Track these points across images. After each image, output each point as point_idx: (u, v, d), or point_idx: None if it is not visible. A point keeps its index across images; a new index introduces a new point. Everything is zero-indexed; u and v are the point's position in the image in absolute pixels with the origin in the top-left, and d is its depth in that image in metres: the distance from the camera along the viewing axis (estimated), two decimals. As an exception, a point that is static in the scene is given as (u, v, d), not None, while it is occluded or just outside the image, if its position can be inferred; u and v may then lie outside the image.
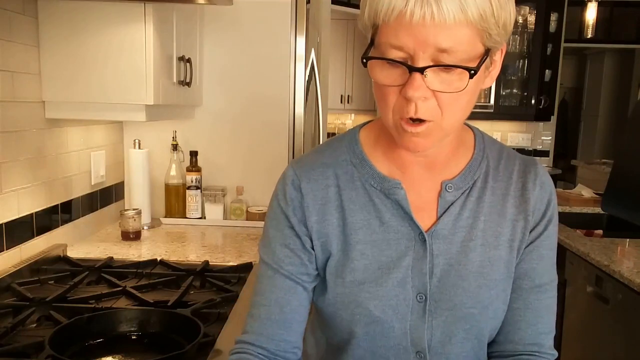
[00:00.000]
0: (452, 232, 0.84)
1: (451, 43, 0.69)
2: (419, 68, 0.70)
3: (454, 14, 0.67)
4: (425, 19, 0.67)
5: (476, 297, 0.84)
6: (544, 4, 4.74)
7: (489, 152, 0.89)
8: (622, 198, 2.45)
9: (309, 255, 0.87)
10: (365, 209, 0.85)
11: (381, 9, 0.70)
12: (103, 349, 1.14)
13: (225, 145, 2.33)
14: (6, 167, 1.50)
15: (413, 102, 0.72)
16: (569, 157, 6.38)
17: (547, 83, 4.92)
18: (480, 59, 0.72)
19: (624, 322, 1.88)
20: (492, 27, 0.71)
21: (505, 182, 0.87)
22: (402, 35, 0.69)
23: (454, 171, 0.87)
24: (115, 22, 1.63)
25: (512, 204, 0.86)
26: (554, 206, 0.89)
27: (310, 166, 0.88)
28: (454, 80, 0.72)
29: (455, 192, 0.85)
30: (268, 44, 2.27)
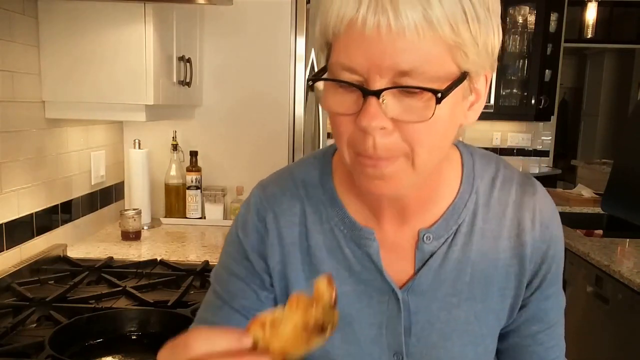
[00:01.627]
0: (433, 287, 0.73)
1: (413, 61, 0.56)
2: (374, 91, 0.57)
3: (416, 23, 0.55)
4: (380, 29, 0.55)
5: (460, 357, 0.75)
6: (544, 4, 4.74)
7: (480, 184, 0.74)
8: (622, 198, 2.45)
9: (266, 293, 0.77)
10: (334, 257, 0.74)
11: (331, 19, 0.58)
12: (103, 349, 1.15)
13: (225, 145, 2.33)
14: (6, 167, 1.50)
15: (370, 134, 0.59)
16: (569, 157, 6.38)
17: (547, 83, 4.93)
18: (452, 83, 0.58)
19: (624, 322, 1.88)
20: (468, 45, 0.58)
21: (497, 221, 0.73)
22: (355, 52, 0.57)
23: (433, 216, 0.73)
24: (115, 22, 1.63)
25: (505, 247, 0.73)
26: (557, 237, 0.77)
27: (279, 196, 0.76)
28: (419, 107, 0.58)
29: (435, 241, 0.72)
30: (268, 44, 2.27)
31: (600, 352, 2.04)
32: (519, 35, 4.87)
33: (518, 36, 4.87)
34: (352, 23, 0.57)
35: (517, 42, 4.87)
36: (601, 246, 2.15)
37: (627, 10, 5.42)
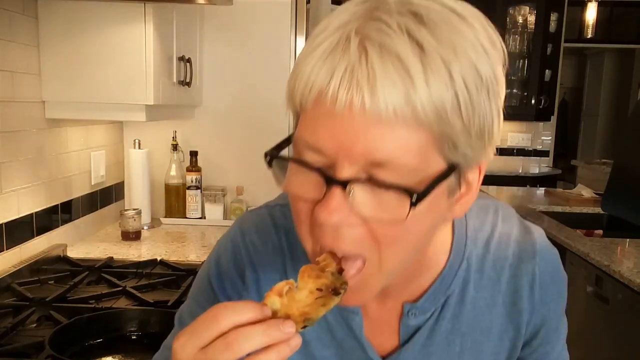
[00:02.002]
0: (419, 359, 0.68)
1: (390, 151, 0.47)
2: (340, 181, 0.48)
3: (395, 107, 0.46)
4: (352, 109, 0.46)
5: None
6: (544, 4, 4.74)
7: (472, 249, 0.66)
8: (622, 198, 2.45)
9: None
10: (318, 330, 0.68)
11: (299, 87, 0.50)
12: (103, 349, 1.15)
13: (225, 145, 2.33)
14: (6, 167, 1.50)
15: (330, 238, 0.51)
16: (569, 157, 6.38)
17: (547, 83, 4.93)
18: (434, 180, 0.49)
19: (624, 322, 1.88)
20: (457, 134, 0.48)
21: (491, 287, 0.66)
22: (322, 130, 0.48)
23: (419, 288, 0.66)
24: (115, 22, 1.63)
25: (500, 314, 0.67)
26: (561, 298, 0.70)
27: (259, 247, 0.68)
28: (392, 204, 0.49)
29: (421, 316, 0.66)
30: (268, 44, 2.27)
31: (600, 352, 2.04)
32: (519, 35, 4.87)
33: (518, 36, 4.87)
34: (322, 96, 0.48)
35: (517, 42, 4.87)
36: (601, 246, 2.15)
37: (627, 10, 5.42)
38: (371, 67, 0.46)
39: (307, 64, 0.49)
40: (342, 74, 0.46)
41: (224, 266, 0.70)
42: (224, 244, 0.71)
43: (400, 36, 0.46)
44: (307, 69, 0.49)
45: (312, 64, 0.48)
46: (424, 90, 0.46)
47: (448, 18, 0.49)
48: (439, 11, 0.49)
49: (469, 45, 0.49)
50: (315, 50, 0.49)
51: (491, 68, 0.50)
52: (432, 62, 0.46)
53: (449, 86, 0.47)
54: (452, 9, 0.50)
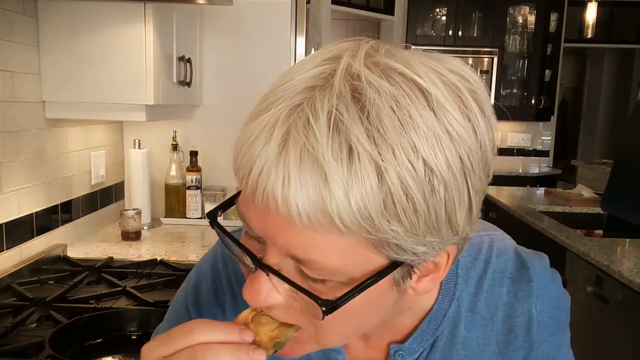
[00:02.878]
0: None
1: (311, 253, 0.44)
2: (264, 266, 0.47)
3: (309, 214, 0.41)
4: (268, 206, 0.43)
5: None
6: (544, 4, 4.74)
7: (464, 288, 0.62)
8: (622, 198, 2.45)
9: None
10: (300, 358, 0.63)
11: (234, 164, 0.48)
12: (103, 349, 1.15)
13: (225, 145, 2.31)
14: (6, 167, 1.50)
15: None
16: (569, 157, 6.38)
17: (547, 83, 4.93)
18: (365, 282, 0.45)
19: (624, 322, 1.88)
20: (398, 237, 0.43)
21: (483, 327, 0.62)
22: (250, 213, 0.47)
23: (403, 329, 0.62)
24: (115, 22, 1.63)
25: (493, 354, 0.63)
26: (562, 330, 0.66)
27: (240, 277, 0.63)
28: (310, 307, 0.46)
29: (409, 357, 0.62)
30: (268, 44, 2.27)
31: (601, 352, 2.04)
32: (519, 35, 4.87)
33: (518, 36, 4.87)
34: (244, 182, 0.45)
35: (517, 42, 4.88)
36: (601, 246, 2.15)
37: (627, 10, 5.42)
38: (287, 170, 0.41)
39: (241, 139, 0.46)
40: (260, 171, 0.43)
41: (203, 295, 0.67)
42: (205, 270, 0.68)
43: (325, 136, 0.41)
44: (238, 147, 0.46)
45: (241, 144, 0.46)
46: (342, 200, 0.40)
47: (401, 103, 0.42)
48: (391, 93, 0.42)
49: (421, 138, 0.41)
50: (252, 122, 0.46)
51: (456, 154, 0.43)
52: (359, 168, 0.40)
53: (378, 193, 0.41)
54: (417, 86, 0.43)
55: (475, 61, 4.77)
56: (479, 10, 4.81)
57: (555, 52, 4.94)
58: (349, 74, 0.43)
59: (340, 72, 0.43)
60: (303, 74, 0.45)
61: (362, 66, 0.43)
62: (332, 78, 0.43)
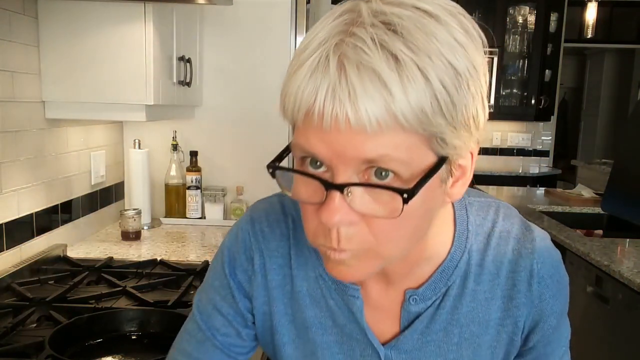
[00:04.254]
0: (418, 347, 0.70)
1: (379, 150, 0.50)
2: (337, 185, 0.52)
3: (378, 117, 0.48)
4: (339, 123, 0.49)
5: None
6: (544, 4, 4.74)
7: (474, 243, 0.68)
8: (622, 198, 2.45)
9: (248, 330, 0.75)
10: (317, 306, 0.71)
11: (288, 103, 0.53)
12: (103, 349, 1.15)
13: (225, 145, 2.33)
14: (6, 167, 1.50)
15: (333, 234, 0.54)
16: (569, 157, 6.38)
17: (547, 83, 4.93)
18: (425, 174, 0.52)
19: (624, 322, 1.88)
20: (443, 131, 0.51)
21: (490, 281, 0.69)
22: (315, 141, 0.52)
23: (421, 277, 0.68)
24: (115, 22, 1.63)
25: (498, 308, 0.69)
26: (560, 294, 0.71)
27: (267, 234, 0.72)
28: (387, 200, 0.52)
29: (422, 303, 0.68)
30: (268, 44, 2.27)
31: (600, 352, 2.04)
32: (519, 35, 4.87)
33: (518, 36, 4.87)
34: (310, 113, 0.51)
35: (517, 42, 4.88)
36: (601, 246, 2.15)
37: (627, 10, 5.42)
38: (351, 84, 0.48)
39: (294, 82, 0.52)
40: (325, 94, 0.49)
41: (234, 253, 0.74)
42: (235, 232, 0.75)
43: (375, 51, 0.49)
44: (294, 89, 0.52)
45: (297, 84, 0.51)
46: (403, 100, 0.48)
47: (420, 22, 0.50)
48: (411, 16, 0.50)
49: (444, 45, 0.50)
50: (300, 68, 0.51)
51: (468, 60, 0.52)
52: (408, 72, 0.48)
53: (427, 91, 0.49)
54: (425, 11, 0.51)
55: (475, 61, 4.77)
56: (479, 10, 4.81)
57: (555, 52, 4.94)
58: (372, 12, 0.51)
59: (365, 12, 0.51)
60: (327, 26, 0.52)
61: (381, 5, 0.51)
62: (359, 18, 0.50)
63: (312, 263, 0.71)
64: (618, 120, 6.86)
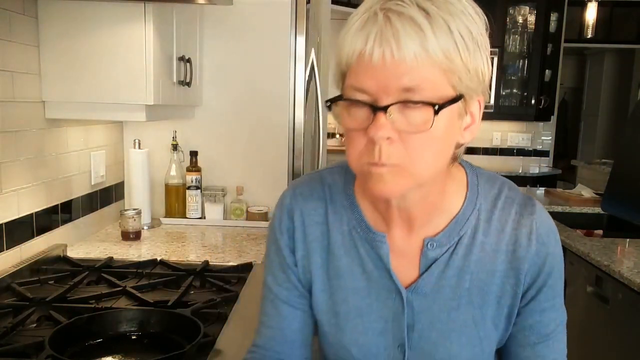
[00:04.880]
0: (434, 290, 0.81)
1: (415, 82, 0.65)
2: (382, 107, 0.67)
3: (415, 51, 0.65)
4: (385, 58, 0.65)
5: (458, 356, 0.82)
6: (544, 4, 4.74)
7: (483, 203, 0.81)
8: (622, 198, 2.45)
9: (301, 287, 0.88)
10: (350, 255, 0.84)
11: (345, 54, 0.70)
12: (103, 349, 1.14)
13: (225, 145, 2.33)
14: (6, 167, 1.50)
15: (378, 144, 0.68)
16: (569, 157, 6.38)
17: (547, 83, 4.93)
18: (449, 100, 0.67)
19: (624, 322, 1.88)
20: (461, 71, 0.67)
21: (496, 236, 0.80)
22: (365, 77, 0.67)
23: (437, 226, 0.80)
24: (115, 22, 1.63)
25: (502, 260, 0.80)
26: (555, 254, 0.82)
27: (306, 198, 0.87)
28: (420, 120, 0.67)
29: (438, 249, 0.80)
30: (268, 44, 2.27)
31: (601, 352, 2.04)
32: (519, 35, 4.87)
33: (518, 36, 4.87)
34: (362, 55, 0.67)
35: (517, 42, 4.88)
36: (601, 246, 2.15)
37: (627, 10, 5.42)
38: (395, 28, 0.65)
39: (348, 36, 0.69)
40: (375, 36, 0.66)
41: (280, 215, 0.88)
42: (280, 199, 0.90)
43: (412, 6, 0.66)
44: (349, 40, 0.69)
45: (351, 36, 0.69)
46: (433, 39, 0.65)
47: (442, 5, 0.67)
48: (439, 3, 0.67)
49: (460, 12, 0.68)
50: (352, 27, 0.69)
51: (478, 29, 0.70)
52: (436, 22, 0.66)
53: (449, 37, 0.66)
54: None
55: (475, 61, 4.77)
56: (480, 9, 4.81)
57: (555, 52, 4.94)
58: None
59: None
60: None
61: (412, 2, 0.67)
62: None
63: (347, 219, 0.84)
64: (618, 120, 6.86)
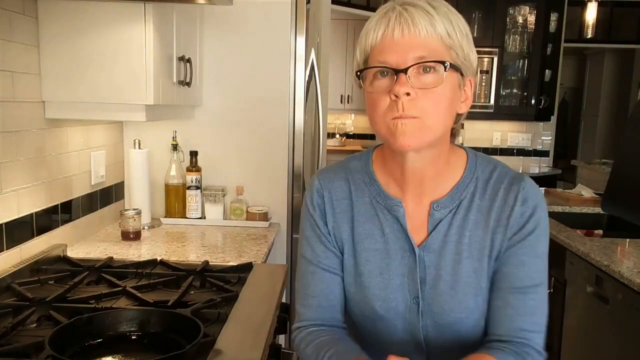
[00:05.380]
0: (441, 247, 0.97)
1: (426, 51, 0.87)
2: (404, 69, 0.87)
3: (426, 28, 0.87)
4: (404, 34, 0.87)
5: (463, 304, 0.96)
6: (544, 4, 4.74)
7: (480, 174, 0.99)
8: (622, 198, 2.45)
9: (338, 252, 1.04)
10: (371, 221, 1.01)
11: (370, 38, 0.91)
12: (103, 349, 1.14)
13: (225, 145, 2.33)
14: (6, 167, 1.50)
15: (400, 100, 0.87)
16: (569, 157, 6.38)
17: (547, 83, 4.92)
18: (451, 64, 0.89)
19: (624, 322, 1.88)
20: (458, 48, 0.90)
21: (490, 199, 0.97)
22: (388, 52, 0.88)
23: (442, 192, 0.99)
24: (115, 22, 1.63)
25: (494, 219, 0.97)
26: (538, 219, 0.96)
27: (331, 179, 1.05)
28: (432, 80, 0.88)
29: (442, 210, 0.98)
30: (268, 44, 2.27)
31: (601, 352, 2.04)
32: (519, 35, 4.86)
33: (518, 36, 4.86)
34: (385, 35, 0.89)
35: (517, 42, 4.87)
36: (601, 246, 2.15)
37: (627, 10, 5.42)
38: (410, 13, 0.88)
39: (372, 24, 0.91)
40: (395, 20, 0.88)
41: (312, 196, 1.06)
42: (310, 185, 1.08)
43: (423, 2, 0.89)
44: (373, 26, 0.90)
45: (375, 23, 0.90)
46: (439, 22, 0.88)
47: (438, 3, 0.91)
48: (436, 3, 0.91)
49: (455, 13, 0.91)
50: (375, 18, 0.91)
51: (467, 28, 0.92)
52: (440, 12, 0.89)
53: (450, 22, 0.89)
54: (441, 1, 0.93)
55: (475, 61, 4.77)
56: (479, 10, 4.81)
57: (555, 52, 4.94)
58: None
59: None
60: None
61: None
62: None
63: (367, 192, 1.02)
64: (618, 120, 6.86)
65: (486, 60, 4.75)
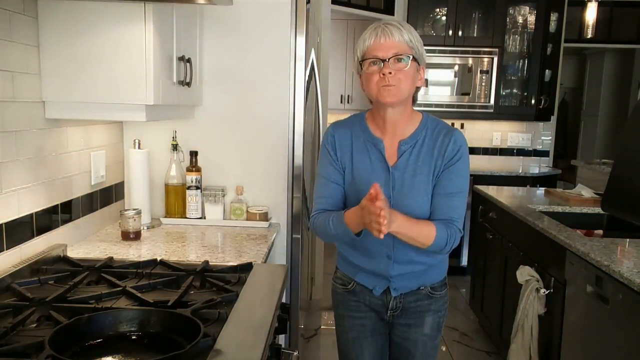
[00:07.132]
0: (404, 166, 1.58)
1: (399, 49, 1.49)
2: (387, 59, 1.49)
3: (398, 36, 1.49)
4: (386, 40, 1.49)
5: (417, 201, 1.57)
6: (544, 4, 4.74)
7: (429, 126, 1.61)
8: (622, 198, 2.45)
9: (342, 171, 1.64)
10: (363, 153, 1.62)
11: (365, 44, 1.52)
12: (103, 349, 1.14)
13: (225, 145, 2.33)
14: (6, 167, 1.50)
15: (387, 76, 1.49)
16: (569, 157, 6.38)
17: (547, 83, 4.93)
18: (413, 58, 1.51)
19: (624, 322, 1.88)
20: (415, 48, 1.52)
21: (434, 140, 1.59)
22: (377, 50, 1.50)
23: (406, 134, 1.60)
24: (115, 22, 1.63)
25: (437, 151, 1.58)
26: (462, 153, 1.58)
27: (340, 127, 1.67)
28: (403, 66, 1.50)
29: (406, 145, 1.59)
30: (268, 44, 2.27)
31: (601, 353, 2.04)
32: (519, 35, 4.87)
33: (518, 36, 4.87)
34: (375, 40, 1.50)
35: (517, 42, 4.87)
36: (601, 246, 2.15)
37: (627, 10, 5.42)
38: (389, 28, 1.50)
39: (367, 36, 1.52)
40: (381, 32, 1.50)
41: (328, 137, 1.67)
42: (327, 130, 1.69)
43: (396, 23, 1.52)
44: (367, 36, 1.52)
45: (369, 34, 1.52)
46: (406, 34, 1.51)
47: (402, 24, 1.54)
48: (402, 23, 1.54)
49: (412, 29, 1.54)
50: (368, 32, 1.53)
51: (419, 37, 1.55)
52: (405, 28, 1.52)
53: (410, 34, 1.52)
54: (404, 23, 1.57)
55: (475, 61, 4.77)
56: (479, 10, 4.81)
57: (555, 52, 4.94)
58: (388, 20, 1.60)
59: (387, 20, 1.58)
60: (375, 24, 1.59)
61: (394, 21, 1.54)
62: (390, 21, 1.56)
63: (362, 135, 1.63)
64: (618, 120, 6.86)
65: (486, 60, 4.76)
